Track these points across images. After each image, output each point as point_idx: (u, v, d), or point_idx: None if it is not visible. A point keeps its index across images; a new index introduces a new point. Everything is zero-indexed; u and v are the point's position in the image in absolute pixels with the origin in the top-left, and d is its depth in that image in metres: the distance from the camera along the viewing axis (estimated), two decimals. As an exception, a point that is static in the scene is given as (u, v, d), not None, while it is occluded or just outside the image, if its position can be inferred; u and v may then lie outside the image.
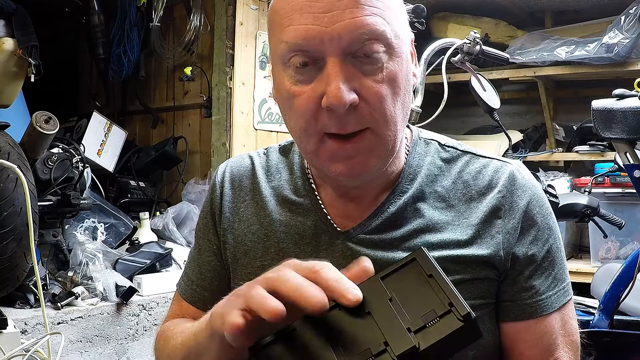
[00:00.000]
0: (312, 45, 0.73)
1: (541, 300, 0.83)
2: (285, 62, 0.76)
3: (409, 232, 0.84)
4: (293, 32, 0.74)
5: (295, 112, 0.77)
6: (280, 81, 0.78)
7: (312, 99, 0.75)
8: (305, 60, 0.75)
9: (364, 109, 0.74)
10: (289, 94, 0.77)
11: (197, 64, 3.26)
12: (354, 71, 0.74)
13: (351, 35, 0.72)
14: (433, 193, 0.86)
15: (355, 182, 0.81)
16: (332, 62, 0.73)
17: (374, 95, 0.74)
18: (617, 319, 1.91)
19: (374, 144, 0.77)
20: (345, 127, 0.75)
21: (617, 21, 3.14)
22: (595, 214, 2.00)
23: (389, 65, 0.75)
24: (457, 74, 3.03)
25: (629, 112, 1.70)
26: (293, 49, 0.74)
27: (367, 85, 0.74)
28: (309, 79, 0.75)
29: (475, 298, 0.81)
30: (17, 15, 2.50)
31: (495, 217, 0.84)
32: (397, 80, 0.76)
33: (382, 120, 0.76)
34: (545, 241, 0.85)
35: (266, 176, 0.95)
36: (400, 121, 0.78)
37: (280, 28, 0.76)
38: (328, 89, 0.73)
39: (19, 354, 1.61)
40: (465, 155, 0.90)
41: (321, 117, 0.75)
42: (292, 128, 0.81)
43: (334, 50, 0.73)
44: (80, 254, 2.40)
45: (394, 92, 0.76)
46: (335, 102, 0.72)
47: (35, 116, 2.25)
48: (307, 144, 0.79)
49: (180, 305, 0.99)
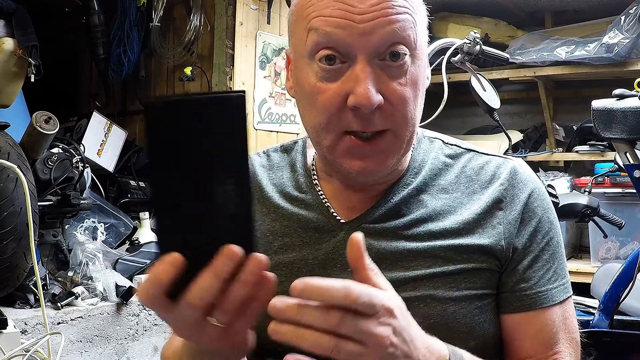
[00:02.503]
0: (341, 38, 0.74)
1: (541, 292, 0.83)
2: (311, 56, 0.77)
3: (412, 221, 0.84)
4: (323, 21, 0.75)
5: (316, 108, 0.78)
6: (304, 76, 0.79)
7: (338, 96, 0.76)
8: (333, 55, 0.75)
9: (387, 110, 0.76)
10: (313, 90, 0.77)
11: (197, 64, 3.26)
12: (380, 73, 0.75)
13: (383, 31, 0.74)
14: (436, 186, 0.88)
15: (367, 179, 0.83)
16: (361, 62, 0.74)
17: (398, 98, 0.76)
18: (617, 319, 1.91)
19: (391, 145, 0.79)
20: (368, 127, 0.76)
21: (617, 21, 3.14)
22: (595, 214, 2.00)
23: (412, 68, 0.78)
24: (457, 74, 3.02)
25: (629, 112, 1.71)
26: (322, 38, 0.75)
27: (392, 88, 0.76)
28: (335, 77, 0.76)
29: (477, 288, 0.82)
30: (17, 15, 2.50)
31: (497, 208, 0.85)
32: (417, 83, 0.79)
33: (403, 122, 0.78)
34: (545, 234, 0.86)
35: (267, 174, 0.96)
36: (417, 123, 0.81)
37: (307, 20, 0.76)
38: (357, 89, 0.74)
39: (19, 354, 1.61)
40: (469, 152, 0.92)
41: (344, 116, 0.76)
42: (309, 122, 0.81)
43: (364, 47, 0.74)
44: (80, 254, 2.40)
45: (415, 95, 0.78)
46: (364, 102, 0.73)
47: (35, 116, 2.25)
48: (325, 139, 0.79)
49: None
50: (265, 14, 3.25)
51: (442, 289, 0.80)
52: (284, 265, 0.86)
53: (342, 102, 0.75)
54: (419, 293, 0.79)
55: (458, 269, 0.81)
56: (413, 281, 0.80)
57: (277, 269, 0.86)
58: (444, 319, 0.79)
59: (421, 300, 0.79)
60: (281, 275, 0.86)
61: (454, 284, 0.81)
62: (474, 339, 0.80)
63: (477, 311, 0.81)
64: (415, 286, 0.80)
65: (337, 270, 0.84)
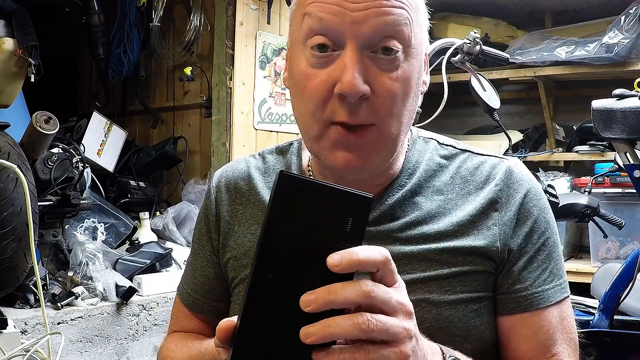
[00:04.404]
0: (333, 24, 0.74)
1: (537, 293, 0.83)
2: (305, 41, 0.77)
3: (406, 223, 0.84)
4: (318, 7, 0.74)
5: (306, 96, 0.77)
6: (297, 62, 0.79)
7: (325, 83, 0.75)
8: (325, 43, 0.75)
9: (373, 102, 0.75)
10: (303, 77, 0.77)
11: (197, 64, 3.26)
12: (370, 64, 0.74)
13: (375, 21, 0.73)
14: (431, 187, 0.87)
15: (353, 175, 0.81)
16: (350, 50, 0.73)
17: (386, 92, 0.75)
18: (617, 319, 1.91)
19: (376, 141, 0.77)
20: (353, 118, 0.75)
21: (617, 21, 3.14)
22: (595, 214, 2.00)
23: (404, 65, 0.76)
24: (457, 74, 3.03)
25: (629, 112, 1.71)
26: (316, 24, 0.75)
27: (381, 81, 0.75)
28: (325, 64, 0.76)
29: (473, 291, 0.81)
30: (17, 15, 2.50)
31: (492, 209, 0.84)
32: (410, 81, 0.77)
33: (388, 118, 0.76)
34: (541, 234, 0.85)
35: (263, 177, 0.96)
36: (405, 122, 0.79)
37: (305, 5, 0.76)
38: (343, 76, 0.73)
39: (19, 354, 1.61)
40: (464, 153, 0.91)
41: (331, 104, 0.75)
42: (300, 112, 0.81)
43: (355, 35, 0.73)
44: (80, 254, 2.40)
45: (405, 92, 0.77)
46: (348, 90, 0.72)
47: (35, 116, 2.25)
48: (312, 128, 0.78)
49: (179, 308, 1.02)
50: (265, 14, 3.25)
51: (437, 293, 0.80)
52: None
53: (329, 90, 0.75)
54: (413, 297, 0.78)
55: (453, 272, 0.80)
56: (408, 285, 0.79)
57: None
58: (439, 322, 0.79)
59: (416, 304, 0.77)
60: None
61: (449, 287, 0.80)
62: (470, 342, 0.80)
63: (472, 314, 0.81)
64: (410, 290, 0.78)
65: None
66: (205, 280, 0.97)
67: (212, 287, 0.97)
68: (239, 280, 0.92)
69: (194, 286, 0.99)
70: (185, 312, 1.01)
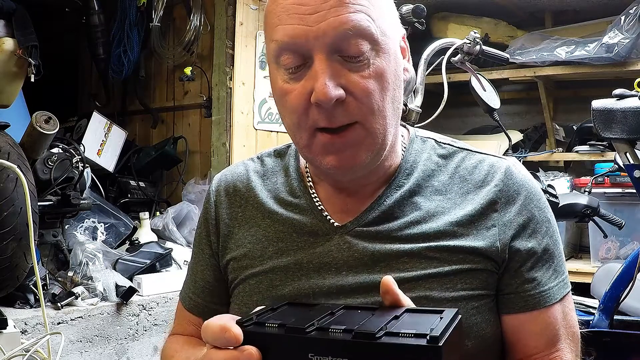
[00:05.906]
0: (299, 44, 0.76)
1: (544, 292, 0.84)
2: (277, 62, 0.80)
3: (406, 223, 0.85)
4: (282, 31, 0.77)
5: (288, 109, 0.81)
6: (275, 80, 0.82)
7: (302, 95, 0.78)
8: (295, 59, 0.78)
9: (351, 103, 0.77)
10: (282, 92, 0.81)
11: (197, 64, 3.26)
12: (340, 68, 0.77)
13: (336, 31, 0.75)
14: (430, 187, 0.88)
15: (348, 175, 0.83)
16: (318, 60, 0.76)
17: (361, 90, 0.77)
18: (617, 319, 1.91)
19: (362, 138, 0.79)
20: (333, 121, 0.78)
21: (617, 21, 3.14)
22: (595, 214, 2.00)
23: (375, 61, 0.78)
24: (457, 74, 3.03)
25: (629, 112, 1.71)
26: (282, 47, 0.78)
27: (354, 81, 0.77)
28: (299, 77, 0.79)
29: (473, 289, 0.82)
30: (17, 15, 2.50)
31: (492, 210, 0.85)
32: (384, 75, 0.79)
33: (370, 114, 0.78)
34: (544, 234, 0.86)
35: (262, 180, 0.97)
36: (390, 115, 0.81)
37: (271, 28, 0.80)
38: (316, 85, 0.76)
39: (19, 354, 1.61)
40: (462, 151, 0.92)
41: (311, 113, 0.78)
42: (287, 124, 0.84)
43: (320, 47, 0.76)
44: (80, 254, 2.40)
45: (381, 87, 0.79)
46: (322, 98, 0.75)
47: (35, 116, 2.25)
48: (301, 138, 0.82)
49: (182, 312, 1.04)
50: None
51: (437, 290, 0.81)
52: (279, 269, 0.87)
53: (307, 100, 0.78)
54: (414, 294, 0.79)
55: (454, 269, 0.81)
56: (409, 282, 0.80)
57: (272, 273, 0.87)
58: None
59: (417, 301, 0.78)
60: (276, 279, 0.87)
61: (450, 285, 0.81)
62: (471, 339, 0.80)
63: (474, 311, 0.81)
64: (411, 287, 0.80)
65: (332, 274, 0.84)
66: (205, 283, 0.98)
67: (212, 290, 0.98)
68: (239, 282, 0.92)
69: (194, 290, 1.00)
70: (186, 316, 1.02)
